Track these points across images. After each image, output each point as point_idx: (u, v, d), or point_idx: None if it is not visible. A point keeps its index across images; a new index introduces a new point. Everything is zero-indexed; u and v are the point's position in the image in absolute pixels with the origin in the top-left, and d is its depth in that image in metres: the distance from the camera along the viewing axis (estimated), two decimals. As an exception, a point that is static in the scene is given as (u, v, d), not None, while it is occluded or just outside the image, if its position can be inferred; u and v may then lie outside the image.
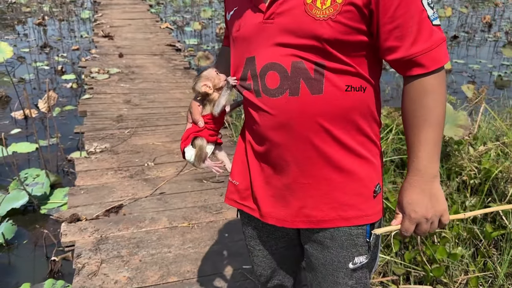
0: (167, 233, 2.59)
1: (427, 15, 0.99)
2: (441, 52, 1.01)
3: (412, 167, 1.08)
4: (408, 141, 1.08)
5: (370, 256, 1.20)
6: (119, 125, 4.12)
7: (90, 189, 3.01)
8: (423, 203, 1.06)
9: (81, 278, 2.19)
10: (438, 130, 1.04)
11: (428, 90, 1.03)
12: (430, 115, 1.03)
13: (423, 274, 2.37)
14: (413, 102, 1.05)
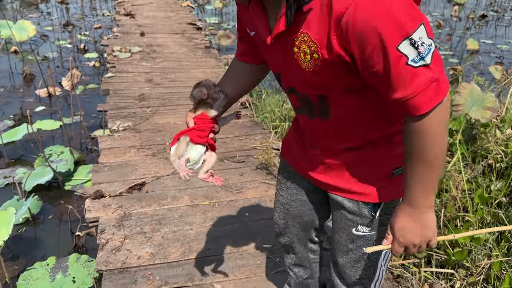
0: (189, 211, 2.62)
1: (406, 61, 0.90)
2: (425, 97, 0.93)
3: (406, 197, 1.09)
4: (405, 171, 1.08)
5: (376, 232, 1.28)
6: (141, 103, 4.15)
7: (113, 167, 3.05)
8: (414, 231, 1.09)
9: (105, 253, 2.24)
10: (433, 169, 1.02)
11: (420, 133, 0.99)
12: (424, 156, 1.01)
13: (445, 258, 2.34)
14: (406, 141, 1.04)
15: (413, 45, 0.89)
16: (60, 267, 2.56)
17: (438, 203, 2.62)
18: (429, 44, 0.90)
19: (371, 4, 0.86)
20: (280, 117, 4.05)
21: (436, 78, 0.92)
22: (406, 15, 0.88)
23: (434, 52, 0.92)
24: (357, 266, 1.37)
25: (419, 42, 0.89)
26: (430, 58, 0.91)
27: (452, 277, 2.24)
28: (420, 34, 0.89)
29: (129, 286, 2.04)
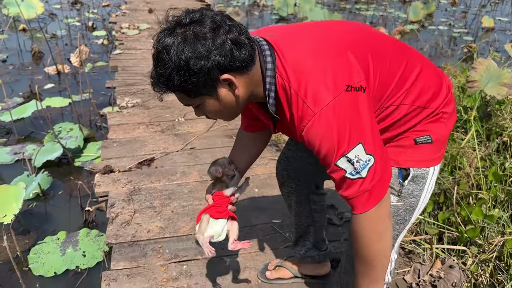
0: (198, 186, 2.60)
1: (344, 173, 1.11)
2: (359, 202, 1.13)
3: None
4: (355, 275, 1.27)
5: (403, 203, 1.30)
6: (149, 80, 4.11)
7: (122, 142, 3.04)
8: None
9: (115, 227, 2.24)
10: (372, 270, 1.21)
11: (357, 231, 1.17)
12: (362, 256, 1.20)
13: (457, 235, 2.31)
14: (351, 240, 1.23)
15: (349, 162, 1.09)
16: (71, 241, 2.58)
17: (451, 181, 2.58)
18: (366, 160, 1.09)
19: (318, 127, 1.08)
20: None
21: (368, 189, 1.11)
22: (345, 136, 1.07)
23: (372, 167, 1.10)
24: None
25: (355, 159, 1.09)
26: (366, 172, 1.10)
27: (464, 254, 2.21)
28: (356, 153, 1.08)
29: (139, 259, 2.04)
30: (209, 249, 1.40)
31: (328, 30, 1.26)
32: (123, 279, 1.93)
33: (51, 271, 2.37)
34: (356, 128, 1.08)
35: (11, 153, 3.50)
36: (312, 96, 1.09)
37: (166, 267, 2.00)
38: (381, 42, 1.25)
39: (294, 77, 1.12)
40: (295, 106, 1.12)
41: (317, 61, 1.13)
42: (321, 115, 1.08)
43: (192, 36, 1.08)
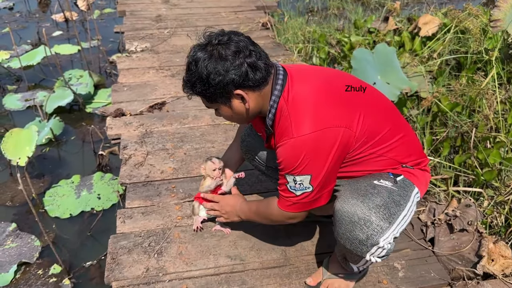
0: (210, 130, 2.58)
1: (286, 183, 1.43)
2: (283, 202, 1.48)
3: (244, 203, 1.76)
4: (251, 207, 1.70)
5: (397, 190, 1.40)
6: (158, 25, 4.01)
7: (132, 87, 2.99)
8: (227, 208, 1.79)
9: (128, 168, 2.24)
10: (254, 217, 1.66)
11: (271, 214, 1.56)
12: (264, 220, 1.62)
13: (473, 178, 2.28)
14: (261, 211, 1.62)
15: (294, 181, 1.40)
16: (85, 184, 2.60)
17: (469, 124, 2.51)
18: (306, 187, 1.40)
19: (289, 148, 1.36)
20: (303, 39, 3.89)
21: (294, 202, 1.45)
22: (302, 164, 1.35)
23: (307, 193, 1.41)
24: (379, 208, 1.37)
25: (298, 181, 1.40)
26: (300, 193, 1.42)
27: (479, 197, 2.19)
28: (302, 179, 1.39)
29: (153, 198, 2.05)
30: (198, 226, 1.87)
31: (336, 78, 1.50)
32: (138, 216, 1.94)
33: (66, 212, 2.41)
34: (314, 163, 1.35)
35: (22, 99, 3.49)
36: (298, 123, 1.35)
37: (181, 205, 2.01)
38: (376, 103, 1.49)
39: (293, 104, 1.38)
40: (283, 124, 1.39)
41: (315, 99, 1.37)
42: (297, 140, 1.34)
43: (217, 56, 1.32)
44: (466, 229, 1.81)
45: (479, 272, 1.68)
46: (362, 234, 1.30)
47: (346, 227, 1.33)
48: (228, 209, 1.74)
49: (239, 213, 1.71)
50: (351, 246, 1.35)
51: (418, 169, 1.51)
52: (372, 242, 1.30)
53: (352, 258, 1.46)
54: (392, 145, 1.45)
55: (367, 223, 1.29)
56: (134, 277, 1.66)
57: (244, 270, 1.70)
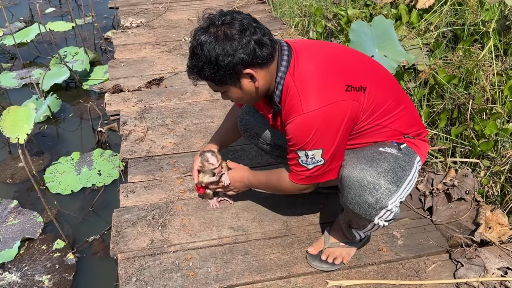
0: (209, 105, 2.58)
1: (297, 158, 1.43)
2: (294, 175, 1.49)
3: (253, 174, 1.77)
4: (262, 176, 1.71)
5: (402, 156, 1.43)
6: (153, 0, 3.96)
7: (129, 62, 2.98)
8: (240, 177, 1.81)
9: (129, 143, 2.25)
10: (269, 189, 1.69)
11: (285, 187, 1.57)
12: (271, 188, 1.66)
13: (469, 149, 2.31)
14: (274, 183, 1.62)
15: (305, 155, 1.41)
16: (85, 161, 2.61)
17: (466, 95, 2.53)
18: (318, 160, 1.40)
19: (300, 124, 1.36)
20: (299, 13, 3.85)
21: (305, 176, 1.47)
22: (313, 139, 1.36)
23: (318, 166, 1.42)
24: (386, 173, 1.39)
25: (310, 156, 1.40)
26: (312, 166, 1.43)
27: (476, 167, 2.22)
28: (314, 153, 1.39)
29: (155, 172, 2.07)
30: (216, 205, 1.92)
31: (340, 52, 1.50)
32: (141, 190, 1.96)
33: (67, 189, 2.43)
34: (325, 138, 1.35)
35: (17, 77, 3.46)
36: (306, 98, 1.34)
37: (183, 179, 2.03)
38: (380, 75, 1.50)
39: (300, 79, 1.37)
40: (291, 101, 1.37)
41: (322, 74, 1.37)
42: (307, 116, 1.34)
43: (223, 36, 1.29)
44: (464, 198, 1.85)
45: (477, 239, 1.73)
46: (371, 197, 1.33)
47: (356, 191, 1.36)
48: (237, 184, 1.76)
49: (248, 186, 1.75)
50: (360, 210, 1.38)
51: (418, 139, 1.54)
52: (381, 205, 1.33)
53: (359, 224, 1.50)
54: (395, 116, 1.47)
55: (376, 187, 1.33)
56: (139, 249, 1.69)
57: (247, 240, 1.74)
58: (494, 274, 1.58)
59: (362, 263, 1.66)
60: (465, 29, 3.07)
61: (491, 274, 1.58)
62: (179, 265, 1.63)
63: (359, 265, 1.66)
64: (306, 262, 1.66)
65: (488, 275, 1.58)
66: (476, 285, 1.56)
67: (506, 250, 1.72)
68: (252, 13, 3.94)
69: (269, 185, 1.65)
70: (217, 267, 1.62)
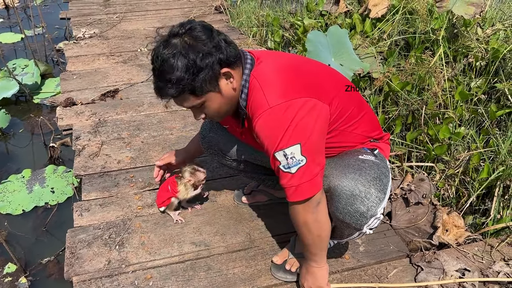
0: (167, 116, 2.53)
1: (279, 164, 1.29)
2: (289, 192, 1.31)
3: (306, 258, 1.53)
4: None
5: (380, 162, 1.45)
6: (106, 10, 3.87)
7: (82, 74, 2.88)
8: (307, 279, 1.54)
9: (82, 159, 2.16)
10: (314, 244, 1.44)
11: (294, 219, 1.40)
12: (305, 239, 1.43)
13: (425, 153, 2.37)
14: (293, 221, 1.42)
15: (284, 156, 1.26)
16: (37, 178, 2.49)
17: (419, 101, 2.60)
18: (299, 160, 1.26)
19: (267, 120, 1.27)
20: (257, 23, 3.87)
21: (295, 185, 1.29)
22: (287, 134, 1.25)
23: (302, 167, 1.27)
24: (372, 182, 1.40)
25: (289, 155, 1.26)
26: (295, 169, 1.27)
27: (431, 171, 2.28)
28: (292, 150, 1.26)
29: (111, 188, 2.00)
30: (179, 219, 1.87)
31: (300, 60, 1.49)
32: (96, 208, 1.89)
33: (19, 208, 2.30)
34: (301, 130, 1.26)
35: (-39, 92, 3.28)
36: (271, 93, 1.28)
37: (141, 195, 1.97)
38: (341, 84, 1.47)
39: (264, 79, 1.32)
40: (255, 98, 1.31)
41: (286, 75, 1.34)
42: (274, 109, 1.26)
43: (192, 41, 1.25)
44: (421, 202, 1.89)
45: (435, 242, 1.76)
46: (363, 206, 1.33)
47: (347, 201, 1.34)
48: (312, 285, 1.55)
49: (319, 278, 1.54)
50: (352, 219, 1.36)
51: (382, 142, 1.56)
52: (372, 213, 1.34)
53: (344, 233, 1.48)
54: (358, 121, 1.46)
55: (368, 195, 1.32)
56: (95, 270, 1.62)
57: (210, 255, 1.70)
58: (453, 276, 1.61)
59: (326, 272, 1.66)
60: (416, 37, 3.17)
61: (450, 277, 1.61)
62: (138, 285, 1.56)
63: (323, 274, 1.65)
64: (270, 274, 1.64)
65: (447, 278, 1.61)
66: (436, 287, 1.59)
67: (463, 251, 1.77)
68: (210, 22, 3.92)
69: (303, 240, 1.46)
70: (178, 285, 1.57)
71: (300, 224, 1.38)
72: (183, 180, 1.81)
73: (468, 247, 1.80)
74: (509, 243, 1.83)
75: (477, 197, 2.10)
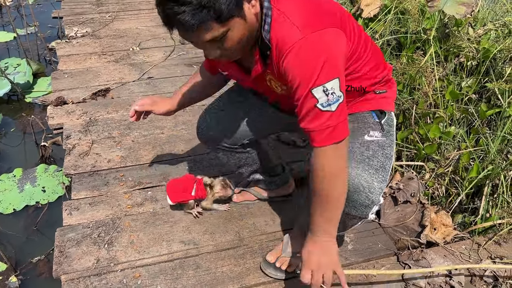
0: (159, 116, 2.52)
1: (315, 103, 1.14)
2: (321, 135, 1.17)
3: (312, 229, 1.31)
4: (310, 210, 1.30)
5: (386, 139, 1.39)
6: (99, 9, 3.86)
7: (74, 73, 2.88)
8: (317, 255, 1.29)
9: (73, 158, 2.16)
10: (332, 209, 1.26)
11: (319, 170, 1.22)
12: (327, 197, 1.24)
13: (415, 153, 2.38)
14: (312, 181, 1.24)
15: (324, 92, 1.12)
16: (28, 178, 2.48)
17: (410, 101, 2.62)
18: (338, 96, 1.14)
19: (304, 51, 1.11)
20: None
21: (333, 125, 1.16)
22: (327, 66, 1.11)
23: (342, 103, 1.15)
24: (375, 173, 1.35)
25: (330, 91, 1.12)
26: (336, 106, 1.15)
27: (421, 170, 2.30)
28: (333, 85, 1.12)
29: (101, 187, 2.00)
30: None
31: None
32: (86, 207, 1.89)
33: (9, 208, 2.30)
34: (337, 63, 1.14)
35: (-47, 91, 3.26)
36: (301, 22, 1.12)
37: (130, 194, 1.97)
38: (352, 19, 1.34)
39: (288, 7, 1.15)
40: (281, 30, 1.14)
41: (309, 2, 1.19)
42: (309, 39, 1.10)
43: None
44: (410, 200, 1.90)
45: (423, 241, 1.78)
46: (367, 200, 1.29)
47: (351, 197, 1.30)
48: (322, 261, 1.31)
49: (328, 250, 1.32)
50: (357, 212, 1.34)
51: (389, 86, 1.47)
52: (375, 203, 1.32)
53: (347, 224, 1.44)
54: (365, 59, 1.35)
55: (372, 189, 1.29)
56: (84, 269, 1.62)
57: (198, 254, 1.71)
58: (440, 274, 1.63)
59: (314, 270, 1.67)
60: (408, 37, 3.19)
61: (437, 274, 1.63)
62: (126, 284, 1.57)
63: (311, 272, 1.66)
64: (258, 272, 1.64)
65: (434, 276, 1.62)
66: (423, 285, 1.60)
67: (451, 250, 1.78)
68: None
69: (328, 198, 1.26)
70: (167, 284, 1.58)
71: (328, 175, 1.20)
72: (213, 191, 1.82)
73: (456, 245, 1.82)
74: (496, 241, 1.84)
75: (467, 196, 2.12)
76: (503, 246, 1.82)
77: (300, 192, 1.99)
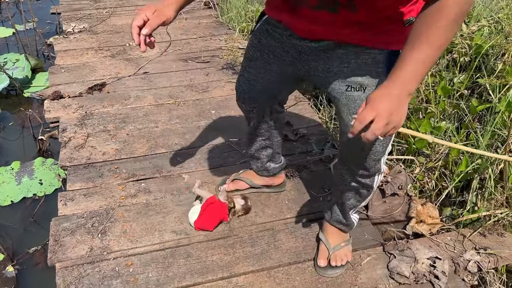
0: (153, 110, 2.57)
1: None
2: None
3: (394, 75, 1.06)
4: (402, 52, 1.06)
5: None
6: (96, 5, 3.90)
7: (71, 68, 2.92)
8: (390, 102, 1.04)
9: (68, 150, 2.20)
10: (434, 53, 1.03)
11: (439, 11, 0.98)
12: (435, 36, 1.00)
13: (406, 147, 2.42)
14: (424, 21, 1.02)
15: None
16: (26, 171, 2.53)
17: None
18: None
19: None
20: (247, 18, 3.90)
21: None
22: None
23: None
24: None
25: None
26: None
27: (412, 164, 2.33)
28: None
29: (96, 179, 2.04)
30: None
31: None
32: (80, 198, 1.93)
33: (7, 199, 2.34)
34: None
35: (-48, 86, 3.30)
36: None
37: (124, 185, 2.01)
38: None
39: None
40: None
41: None
42: None
43: None
44: (397, 193, 1.94)
45: (409, 232, 1.82)
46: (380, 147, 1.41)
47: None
48: (394, 113, 1.05)
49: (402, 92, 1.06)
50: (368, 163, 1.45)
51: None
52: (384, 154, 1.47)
53: (365, 187, 1.53)
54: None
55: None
56: (78, 257, 1.66)
57: (190, 243, 1.75)
58: (424, 264, 1.67)
59: (302, 259, 1.71)
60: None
61: (421, 264, 1.67)
62: (119, 272, 1.61)
63: (299, 261, 1.71)
64: (247, 261, 1.68)
65: (418, 265, 1.66)
66: (407, 274, 1.64)
67: (436, 241, 1.82)
68: (198, 17, 3.96)
69: (436, 42, 1.01)
70: (158, 272, 1.62)
71: (452, 18, 0.98)
72: (234, 210, 1.88)
73: (441, 236, 1.86)
74: (481, 232, 1.88)
75: (456, 190, 2.16)
76: (488, 237, 1.86)
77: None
